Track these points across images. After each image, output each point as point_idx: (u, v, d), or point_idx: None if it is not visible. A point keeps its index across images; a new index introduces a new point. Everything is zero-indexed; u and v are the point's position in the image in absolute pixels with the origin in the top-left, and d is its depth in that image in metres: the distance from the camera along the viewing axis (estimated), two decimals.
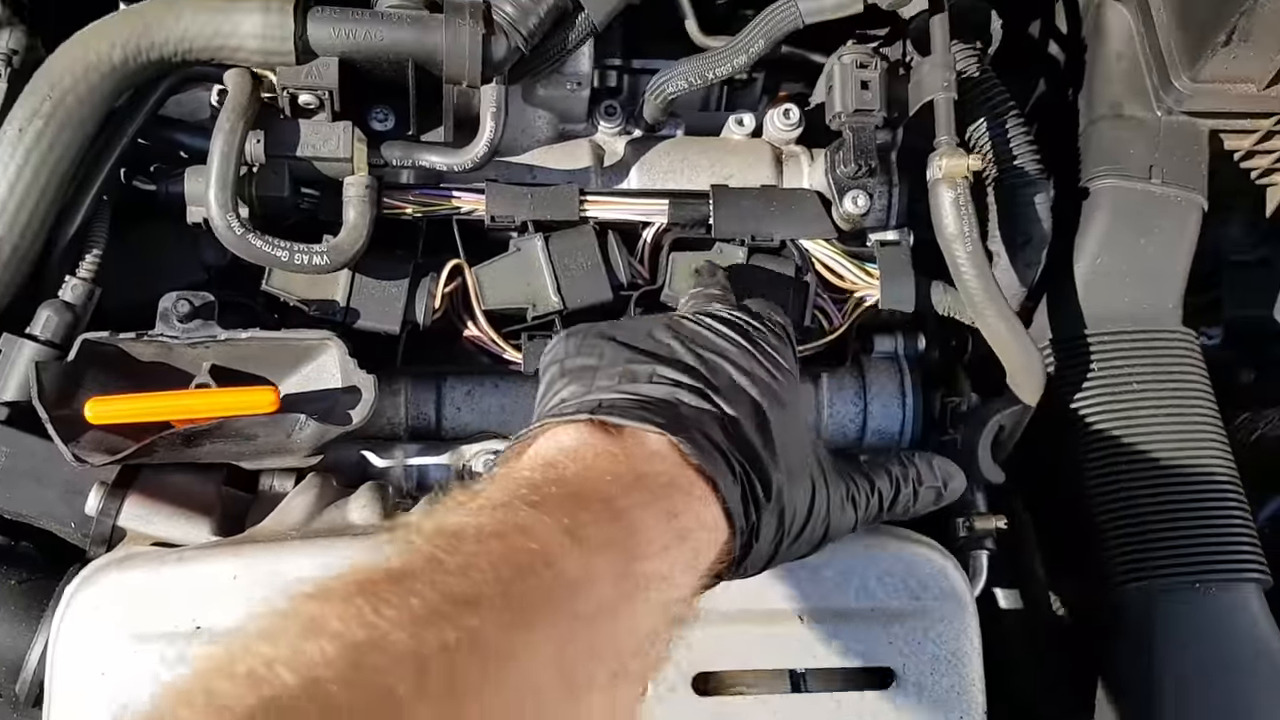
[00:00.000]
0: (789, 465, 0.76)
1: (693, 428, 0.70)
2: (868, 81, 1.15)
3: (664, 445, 0.68)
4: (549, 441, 0.68)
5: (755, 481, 0.72)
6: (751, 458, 0.73)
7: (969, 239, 1.09)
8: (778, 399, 0.79)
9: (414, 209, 1.14)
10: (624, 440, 0.68)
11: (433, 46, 1.02)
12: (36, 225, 0.96)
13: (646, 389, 0.73)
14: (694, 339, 0.81)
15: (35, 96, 0.95)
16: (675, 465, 0.67)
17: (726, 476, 0.69)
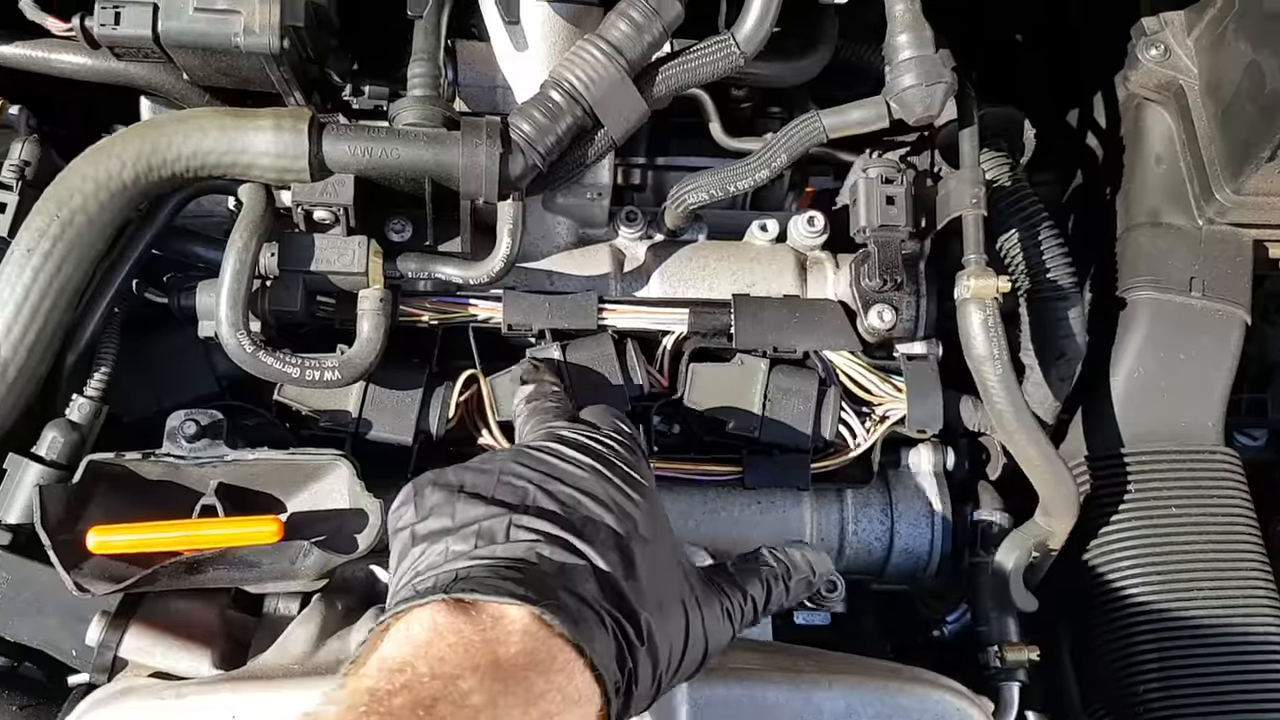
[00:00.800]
0: (659, 598, 0.73)
1: (557, 587, 0.67)
2: (893, 197, 1.12)
3: (525, 617, 0.64)
4: (400, 633, 0.63)
5: (627, 628, 0.68)
6: (620, 605, 0.69)
7: (999, 361, 1.05)
8: (638, 527, 0.76)
9: (430, 317, 1.12)
10: (481, 619, 0.63)
11: (450, 164, 1.00)
12: (43, 346, 0.94)
13: (504, 549, 0.69)
14: (548, 473, 0.76)
15: (44, 216, 0.94)
16: (538, 639, 0.63)
17: (596, 636, 0.66)
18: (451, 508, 0.73)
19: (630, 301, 1.16)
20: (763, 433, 1.11)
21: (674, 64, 1.07)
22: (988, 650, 1.12)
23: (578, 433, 0.82)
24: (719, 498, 1.16)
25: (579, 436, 0.82)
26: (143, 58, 1.07)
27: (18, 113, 1.13)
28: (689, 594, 0.77)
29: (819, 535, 1.15)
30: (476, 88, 1.13)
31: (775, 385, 1.12)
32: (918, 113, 1.08)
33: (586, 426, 0.85)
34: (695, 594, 0.77)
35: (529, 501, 0.73)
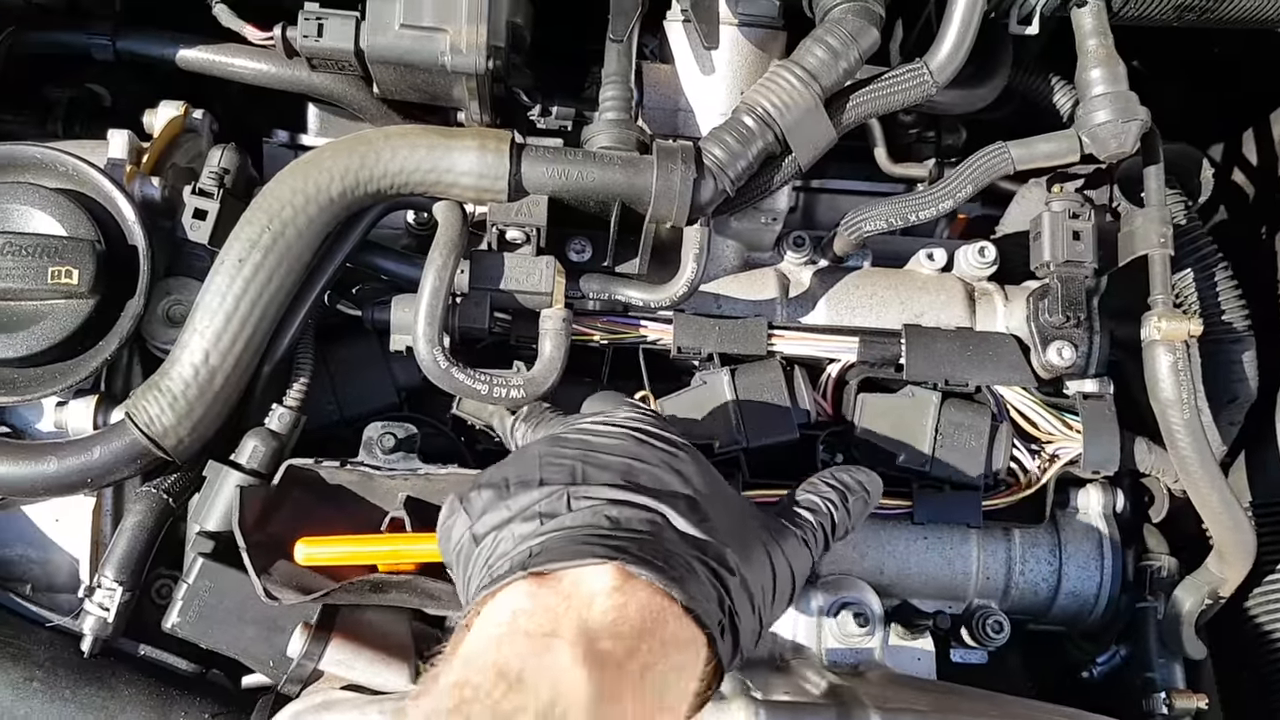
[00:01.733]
0: (738, 537, 0.73)
1: (635, 542, 0.66)
2: (1079, 232, 1.10)
3: (609, 576, 0.63)
4: (486, 620, 0.63)
5: (716, 567, 0.68)
6: (702, 547, 0.69)
7: (1186, 406, 1.04)
8: (693, 478, 0.76)
9: (601, 336, 1.12)
10: (562, 587, 0.63)
11: (643, 188, 1.00)
12: (249, 356, 0.95)
13: (571, 518, 0.69)
14: (589, 449, 0.76)
15: (254, 227, 0.95)
16: (626, 594, 0.63)
17: (688, 580, 0.65)
18: (504, 500, 0.72)
19: (799, 328, 1.15)
20: (934, 467, 1.10)
21: (865, 92, 1.06)
22: (1154, 697, 1.11)
23: (595, 418, 0.82)
24: (885, 531, 1.15)
25: (601, 418, 0.81)
26: (336, 69, 1.08)
27: (201, 117, 1.15)
28: (761, 531, 0.77)
29: (985, 574, 1.14)
30: (660, 110, 1.13)
31: (947, 419, 1.10)
32: (1110, 149, 1.07)
33: (600, 413, 0.84)
34: (768, 530, 0.78)
35: (579, 476, 0.73)
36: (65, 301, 0.95)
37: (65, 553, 1.04)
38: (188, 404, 0.93)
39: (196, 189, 1.02)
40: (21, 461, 0.95)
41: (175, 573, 1.03)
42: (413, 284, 1.03)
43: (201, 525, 0.95)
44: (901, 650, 1.10)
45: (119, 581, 0.95)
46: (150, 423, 0.94)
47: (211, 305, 0.93)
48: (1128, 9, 1.10)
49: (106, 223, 0.99)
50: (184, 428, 0.94)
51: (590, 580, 0.63)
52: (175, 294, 1.01)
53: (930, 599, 1.14)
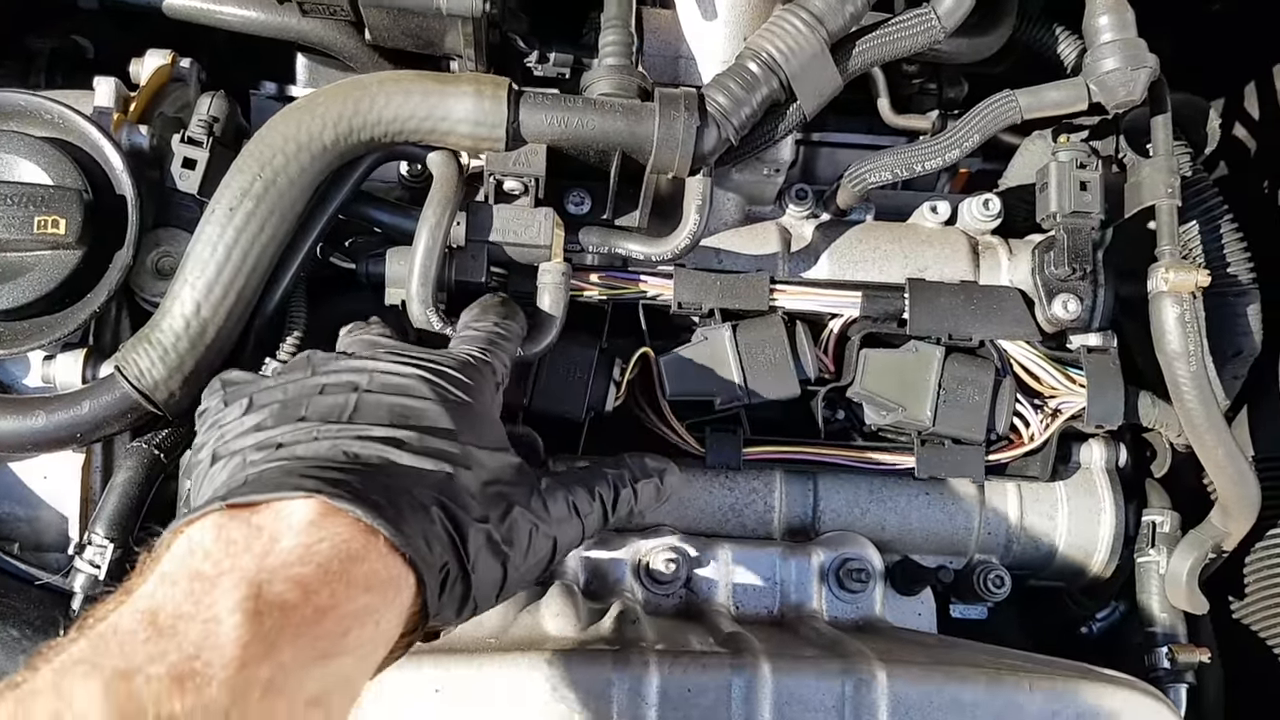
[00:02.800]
0: (498, 490, 0.72)
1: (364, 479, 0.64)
2: (1087, 183, 1.08)
3: (310, 509, 0.60)
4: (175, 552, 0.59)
5: (458, 513, 0.67)
6: (448, 491, 0.68)
7: (1193, 357, 1.03)
8: (474, 426, 0.75)
9: (600, 292, 1.10)
10: (256, 519, 0.60)
11: (644, 136, 0.98)
12: (241, 307, 0.93)
13: (306, 448, 0.67)
14: (372, 385, 0.74)
15: (245, 175, 0.92)
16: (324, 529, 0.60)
17: (407, 519, 0.63)
18: (258, 427, 0.70)
19: (801, 282, 1.14)
20: (936, 423, 1.09)
21: (872, 37, 1.04)
22: (1157, 651, 1.11)
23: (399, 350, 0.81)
24: (885, 487, 1.14)
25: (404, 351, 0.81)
26: (328, 14, 1.04)
27: (189, 65, 1.11)
28: (530, 489, 0.76)
29: (987, 529, 1.14)
30: (660, 57, 1.10)
31: (950, 374, 1.09)
32: (1119, 97, 1.05)
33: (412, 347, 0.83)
34: (537, 490, 0.77)
35: (344, 414, 0.71)
36: (52, 252, 0.93)
37: (54, 510, 1.02)
38: (179, 357, 0.91)
39: (185, 137, 0.99)
40: (8, 416, 0.92)
41: None
42: (407, 236, 1.00)
43: None
44: (902, 604, 1.10)
45: (110, 539, 0.93)
46: (140, 376, 0.91)
47: (202, 255, 0.91)
48: None
49: (94, 172, 0.96)
50: (175, 381, 0.92)
51: (288, 514, 0.60)
52: (164, 245, 0.98)
53: (931, 554, 1.14)
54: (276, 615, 0.54)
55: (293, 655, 0.54)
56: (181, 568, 0.56)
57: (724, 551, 1.08)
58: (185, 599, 0.54)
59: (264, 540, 0.58)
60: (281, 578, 0.56)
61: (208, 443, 0.73)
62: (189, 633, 0.52)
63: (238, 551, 0.57)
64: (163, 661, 0.50)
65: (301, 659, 0.55)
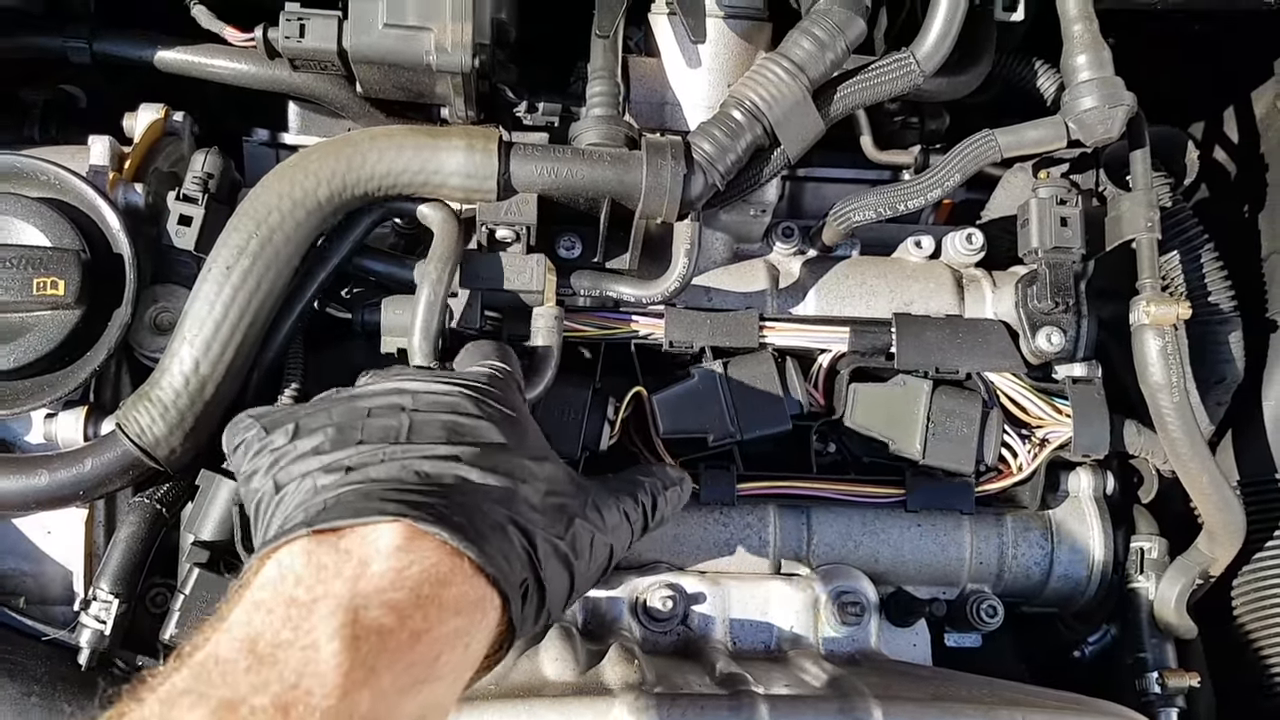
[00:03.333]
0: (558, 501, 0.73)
1: (440, 498, 0.64)
2: (1067, 219, 1.11)
3: (396, 533, 0.60)
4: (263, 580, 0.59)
5: (530, 529, 0.68)
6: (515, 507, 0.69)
7: (1176, 389, 1.05)
8: (523, 438, 0.76)
9: (593, 332, 1.12)
10: (344, 544, 0.60)
11: (633, 184, 1.00)
12: (240, 362, 0.94)
13: (378, 470, 0.67)
14: (420, 405, 0.74)
15: (241, 234, 0.94)
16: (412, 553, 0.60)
17: (489, 539, 0.63)
18: (315, 452, 0.69)
19: (789, 319, 1.15)
20: (926, 455, 1.10)
21: (853, 83, 1.06)
22: (1147, 676, 1.13)
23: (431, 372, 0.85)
24: (878, 520, 1.15)
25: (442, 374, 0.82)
26: (319, 69, 1.06)
27: (182, 119, 1.13)
28: (585, 498, 0.78)
29: (979, 560, 1.15)
30: (647, 104, 1.12)
31: (939, 407, 1.11)
32: (1097, 134, 1.07)
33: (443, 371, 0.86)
34: (591, 498, 0.78)
35: (401, 435, 0.70)
36: (51, 313, 0.94)
37: (58, 565, 1.03)
38: (179, 413, 0.93)
39: (181, 195, 1.01)
40: (12, 475, 0.94)
41: (170, 581, 1.03)
42: (402, 285, 1.02)
43: (196, 535, 0.95)
44: (897, 637, 1.11)
45: (114, 594, 0.94)
46: (141, 433, 0.93)
47: (200, 313, 0.92)
48: None
49: (90, 231, 0.98)
50: (176, 438, 0.93)
51: (375, 538, 0.60)
52: (162, 301, 1.00)
53: (924, 585, 1.15)
54: (374, 641, 0.55)
55: (391, 681, 0.55)
56: (275, 594, 0.57)
57: (719, 588, 1.09)
58: (283, 625, 0.54)
59: (354, 564, 0.58)
60: (376, 603, 0.56)
61: (259, 470, 0.72)
62: (289, 660, 0.52)
63: (329, 577, 0.58)
64: (266, 691, 0.51)
65: (399, 684, 0.56)
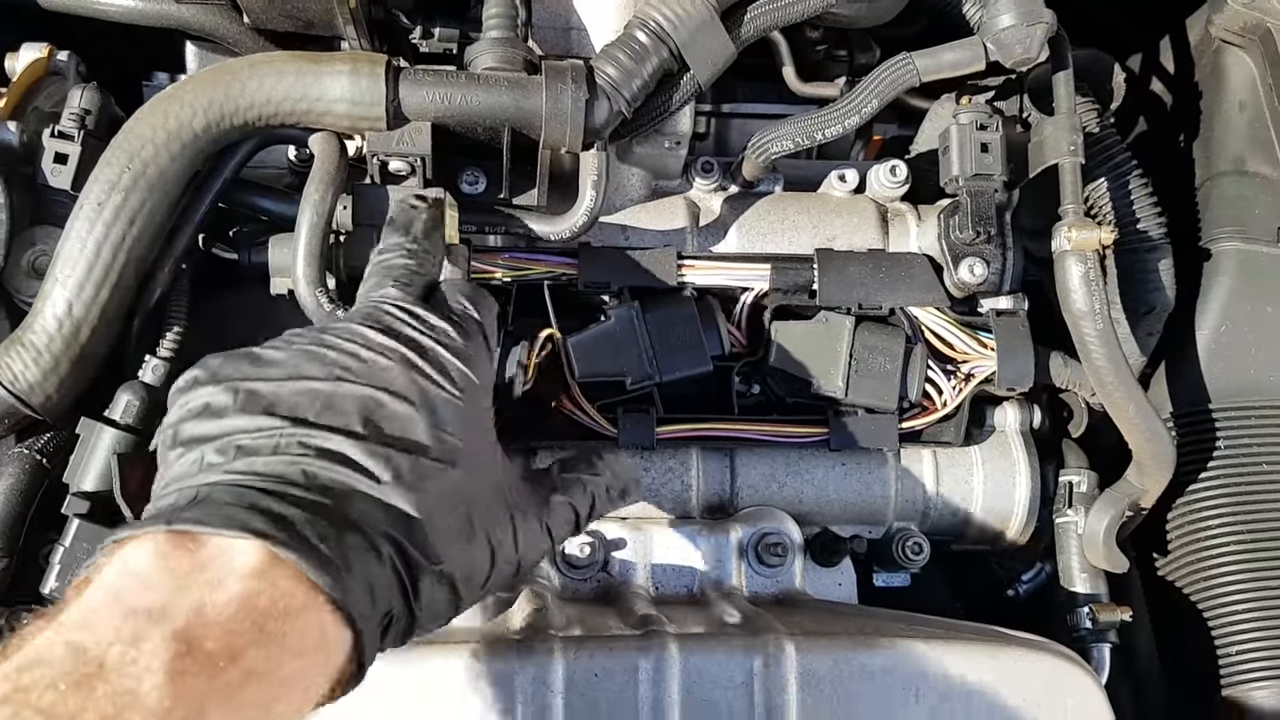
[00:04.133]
0: (465, 510, 0.67)
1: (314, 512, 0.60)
2: (988, 144, 1.07)
3: (256, 553, 0.56)
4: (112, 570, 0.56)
5: (409, 551, 0.62)
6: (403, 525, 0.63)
7: (1099, 316, 1.02)
8: (445, 425, 0.68)
9: (504, 273, 1.07)
10: (200, 555, 0.56)
11: (532, 111, 0.95)
12: (116, 305, 0.90)
13: (265, 462, 0.62)
14: (343, 371, 0.67)
15: (113, 168, 0.89)
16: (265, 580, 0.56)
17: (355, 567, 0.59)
18: (225, 415, 0.65)
19: (709, 257, 1.12)
20: (849, 393, 1.07)
21: (763, 2, 1.01)
22: (1078, 611, 1.11)
23: (397, 310, 0.73)
24: (802, 460, 1.12)
25: (394, 316, 0.73)
26: (201, 1, 1.01)
27: (67, 59, 1.08)
28: (504, 511, 0.72)
29: (903, 497, 1.13)
30: (550, 29, 1.07)
31: (861, 343, 1.08)
32: (1016, 55, 1.04)
33: (417, 306, 0.75)
34: (510, 506, 0.73)
35: (314, 414, 0.65)
36: None
37: None
38: (53, 358, 0.88)
39: (56, 132, 0.96)
40: None
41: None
42: (292, 223, 0.98)
43: (77, 485, 0.90)
44: (822, 576, 1.09)
45: None
46: (15, 379, 0.88)
47: (72, 253, 0.88)
48: None
49: None
50: (50, 383, 0.89)
51: (232, 555, 0.56)
52: (40, 244, 0.96)
53: (849, 524, 1.13)
54: (204, 679, 0.52)
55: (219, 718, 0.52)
56: (115, 600, 0.54)
57: (641, 533, 1.06)
58: (115, 638, 0.51)
59: (204, 581, 0.55)
60: (216, 633, 0.53)
61: (173, 403, 0.68)
62: (112, 686, 0.49)
63: (174, 589, 0.54)
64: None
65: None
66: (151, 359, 0.93)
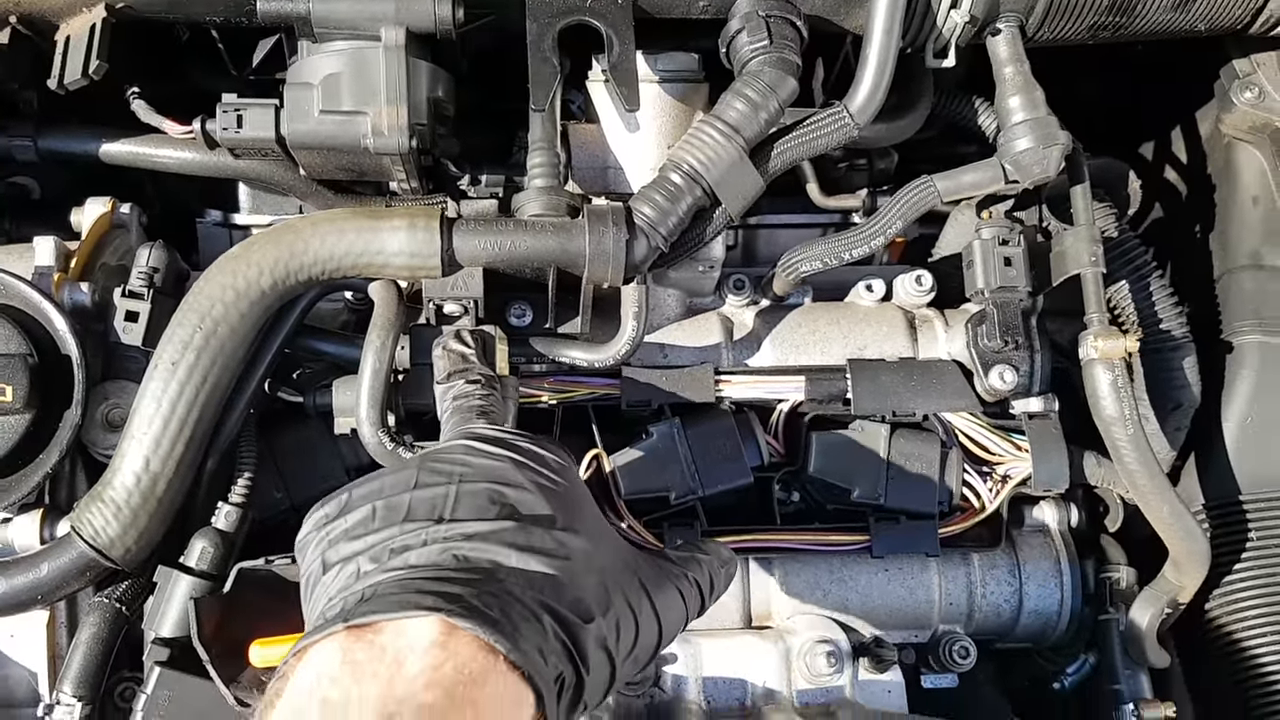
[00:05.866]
0: (603, 580, 0.69)
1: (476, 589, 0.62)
2: (1010, 258, 1.12)
3: (431, 628, 0.59)
4: (301, 676, 0.59)
5: (568, 617, 0.65)
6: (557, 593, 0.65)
7: (1129, 421, 1.05)
8: (568, 507, 0.72)
9: (549, 396, 1.12)
10: (380, 641, 0.59)
11: (576, 252, 1.00)
12: (190, 457, 0.95)
13: (418, 555, 0.65)
14: (465, 475, 0.71)
15: (185, 329, 0.94)
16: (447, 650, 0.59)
17: (524, 633, 0.62)
18: (365, 532, 0.68)
19: (745, 371, 1.16)
20: (888, 499, 1.11)
21: (789, 139, 1.07)
22: (1123, 709, 1.13)
23: (489, 431, 0.79)
24: (845, 567, 1.16)
25: (491, 431, 0.79)
26: (260, 156, 1.07)
27: (129, 211, 1.14)
28: (635, 578, 0.74)
29: (948, 601, 1.15)
30: (589, 169, 1.13)
31: (898, 450, 1.12)
32: (1034, 174, 1.08)
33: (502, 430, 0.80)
34: (642, 578, 0.74)
35: (445, 510, 0.68)
36: (1, 418, 0.94)
37: (22, 668, 1.03)
38: (132, 512, 0.93)
39: (126, 291, 1.01)
40: None
41: (137, 674, 1.02)
42: (352, 364, 1.03)
43: (156, 632, 0.94)
44: (871, 684, 1.11)
45: (78, 696, 0.94)
46: (96, 535, 0.93)
47: (148, 411, 0.93)
48: (1042, 33, 1.12)
49: (37, 332, 0.98)
50: (130, 536, 0.93)
51: (410, 634, 0.59)
52: (113, 398, 1.00)
53: (896, 629, 1.15)
54: None
55: None
56: (310, 698, 0.57)
57: (691, 645, 1.09)
58: None
59: (389, 663, 0.58)
60: (410, 708, 0.56)
61: (309, 543, 0.71)
62: None
63: (363, 676, 0.57)
64: None
65: None
66: (224, 505, 0.98)
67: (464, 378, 0.91)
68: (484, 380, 0.91)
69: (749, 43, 1.04)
